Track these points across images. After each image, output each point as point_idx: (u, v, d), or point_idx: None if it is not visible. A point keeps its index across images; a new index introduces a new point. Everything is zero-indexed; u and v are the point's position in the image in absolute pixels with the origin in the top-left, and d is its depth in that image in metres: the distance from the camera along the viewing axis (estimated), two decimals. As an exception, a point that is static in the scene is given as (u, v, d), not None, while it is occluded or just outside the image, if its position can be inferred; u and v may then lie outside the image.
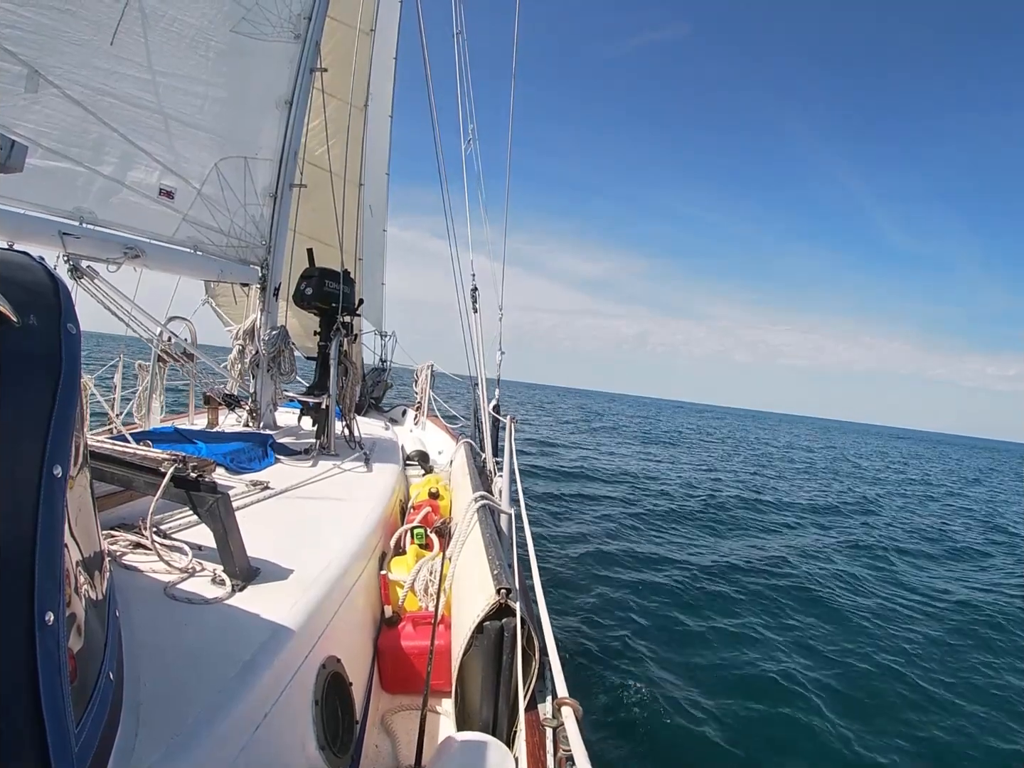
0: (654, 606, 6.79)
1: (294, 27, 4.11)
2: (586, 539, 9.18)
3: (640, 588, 7.31)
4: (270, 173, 4.25)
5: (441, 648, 2.33)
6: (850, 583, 8.68)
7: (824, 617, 7.21)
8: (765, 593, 7.72)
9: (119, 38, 3.28)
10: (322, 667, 1.74)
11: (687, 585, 7.65)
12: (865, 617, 7.38)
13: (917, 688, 5.67)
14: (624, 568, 8.04)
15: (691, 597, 7.27)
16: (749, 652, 5.90)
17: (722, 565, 8.69)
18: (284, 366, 4.26)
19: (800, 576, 8.58)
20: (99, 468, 1.87)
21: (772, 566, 8.85)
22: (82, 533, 0.89)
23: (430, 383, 7.65)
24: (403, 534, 3.14)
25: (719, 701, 4.91)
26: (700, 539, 10.18)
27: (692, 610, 6.84)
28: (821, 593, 8.02)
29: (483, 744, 1.68)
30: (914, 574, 9.82)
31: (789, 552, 9.80)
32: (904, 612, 7.83)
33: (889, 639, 6.79)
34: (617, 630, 5.94)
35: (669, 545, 9.52)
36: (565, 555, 8.19)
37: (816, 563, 9.40)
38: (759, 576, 8.34)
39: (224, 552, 1.77)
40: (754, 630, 6.46)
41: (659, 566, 8.31)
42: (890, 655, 6.31)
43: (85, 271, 3.21)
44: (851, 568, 9.43)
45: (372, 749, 2.19)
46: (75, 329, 0.84)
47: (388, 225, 9.38)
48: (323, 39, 4.37)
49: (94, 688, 0.88)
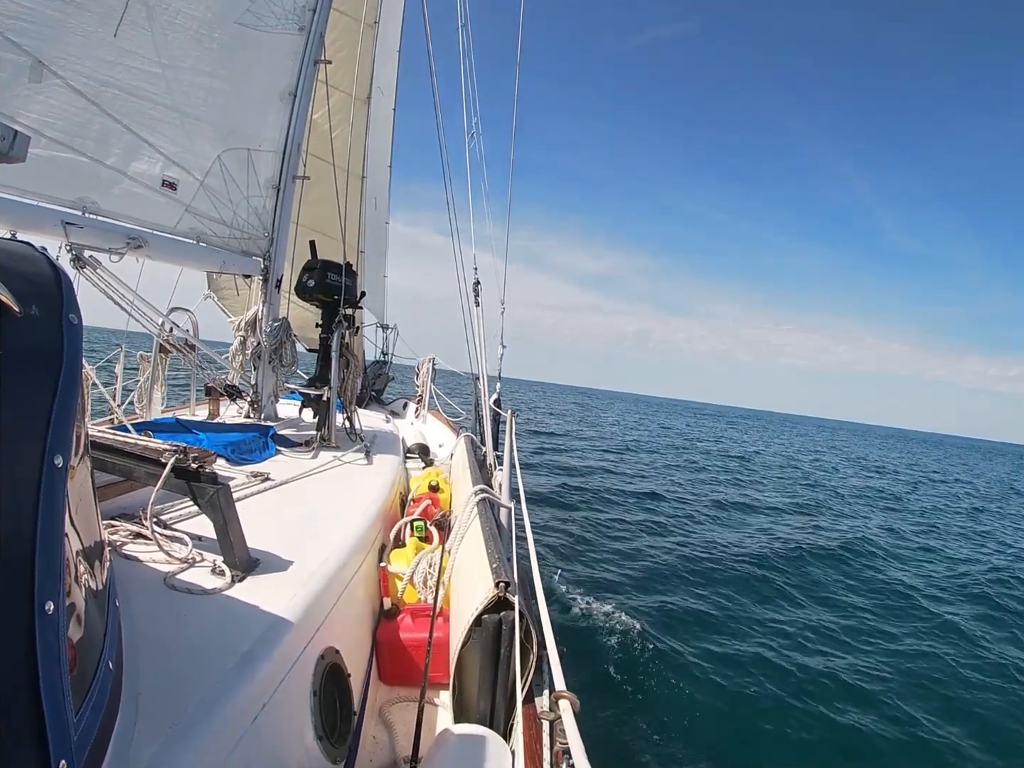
0: (654, 600, 6.82)
1: (298, 19, 4.09)
2: (586, 533, 9.21)
3: (640, 583, 7.33)
4: (273, 165, 4.24)
5: (439, 640, 2.34)
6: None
7: (835, 609, 7.23)
8: (765, 586, 7.74)
9: (123, 30, 3.27)
10: (321, 658, 1.75)
11: (688, 579, 7.68)
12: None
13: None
14: (625, 562, 8.06)
15: (692, 591, 7.29)
16: (751, 647, 5.93)
17: (727, 556, 8.72)
18: (286, 358, 4.27)
19: (809, 571, 8.62)
20: (100, 458, 1.88)
21: (773, 557, 8.88)
22: (82, 523, 0.90)
23: (431, 377, 7.66)
24: (403, 527, 3.14)
25: (717, 695, 4.94)
26: (701, 535, 10.19)
27: (692, 603, 6.86)
28: (827, 585, 8.05)
29: (480, 736, 1.69)
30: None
31: (789, 551, 9.82)
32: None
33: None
34: (616, 624, 5.97)
35: (670, 539, 9.54)
36: (565, 549, 8.22)
37: (820, 562, 9.42)
38: (762, 569, 8.37)
39: (224, 543, 1.78)
40: (757, 624, 6.49)
41: (660, 561, 8.33)
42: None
43: (88, 261, 3.21)
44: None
45: (370, 740, 2.20)
46: (77, 320, 0.84)
47: (390, 219, 9.38)
48: (327, 31, 4.35)
49: (93, 677, 0.89)
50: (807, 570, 8.84)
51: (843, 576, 8.89)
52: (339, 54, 5.51)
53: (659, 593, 7.09)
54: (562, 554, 8.02)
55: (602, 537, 9.22)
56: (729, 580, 7.87)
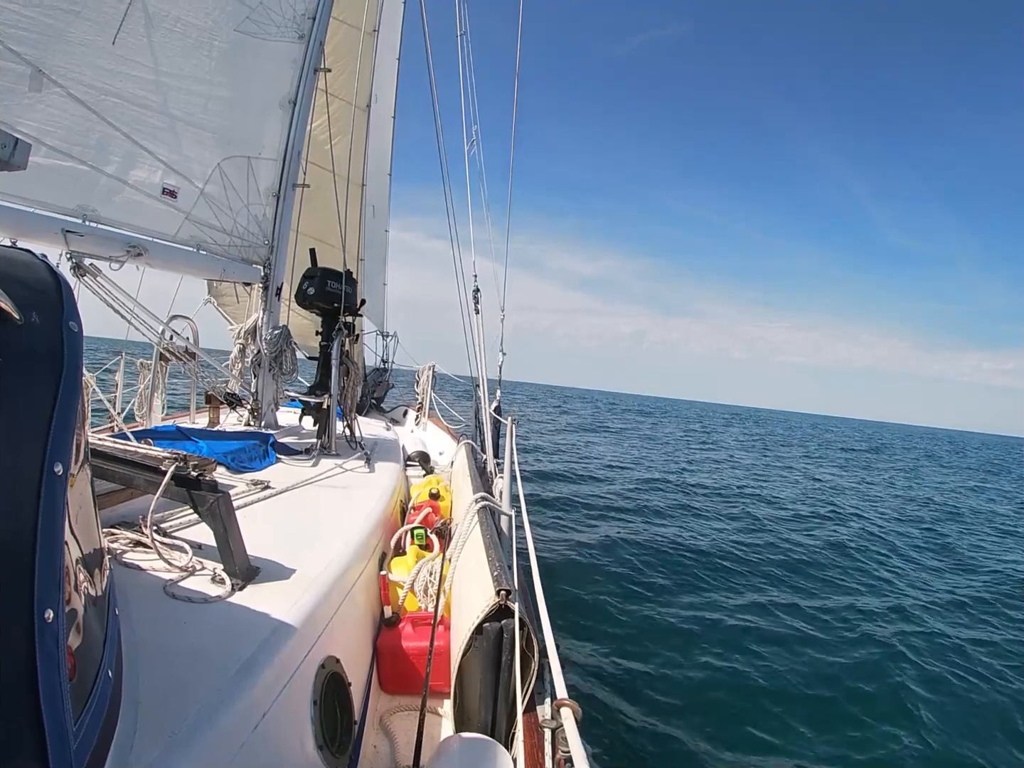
0: (656, 607, 6.78)
1: (298, 27, 4.12)
2: (587, 541, 9.17)
3: (643, 590, 7.30)
4: (273, 173, 4.25)
5: (440, 649, 2.33)
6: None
7: (852, 616, 7.16)
8: (770, 592, 7.71)
9: (123, 38, 3.29)
10: (321, 667, 1.74)
11: (692, 586, 7.64)
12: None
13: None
14: (627, 570, 8.02)
15: (695, 598, 7.25)
16: (755, 656, 5.88)
17: (729, 564, 8.68)
18: (286, 365, 4.27)
19: (793, 573, 8.58)
20: (100, 466, 1.87)
21: (774, 567, 8.85)
22: (82, 531, 0.89)
23: (431, 384, 7.67)
24: (403, 534, 3.14)
25: (721, 704, 4.90)
26: (705, 537, 10.15)
27: (695, 611, 6.81)
28: (844, 587, 8.02)
29: (482, 745, 1.68)
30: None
31: (783, 550, 9.79)
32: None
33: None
34: (618, 632, 5.93)
35: (673, 545, 9.50)
36: (566, 556, 8.19)
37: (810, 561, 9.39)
38: (765, 577, 8.34)
39: (224, 551, 1.77)
40: (759, 632, 6.45)
41: (662, 567, 8.30)
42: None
43: (88, 269, 3.22)
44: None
45: (370, 750, 2.18)
46: (77, 327, 0.84)
47: (390, 226, 9.41)
48: (327, 39, 4.37)
49: (93, 686, 0.88)
50: (822, 579, 8.78)
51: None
52: (339, 62, 5.54)
53: (667, 600, 7.04)
54: (564, 561, 7.99)
55: (605, 541, 9.18)
56: (742, 586, 7.82)
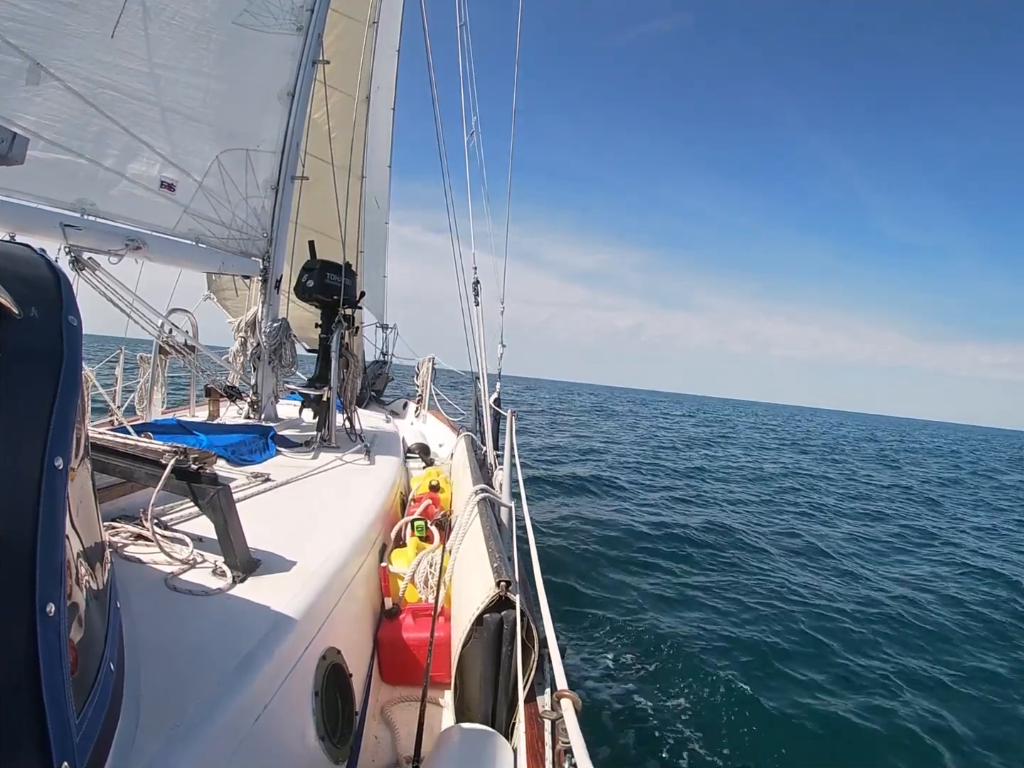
0: (657, 598, 6.80)
1: (296, 19, 4.09)
2: (587, 531, 9.19)
3: (643, 581, 7.32)
4: (272, 165, 4.24)
5: (441, 640, 2.34)
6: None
7: (857, 615, 7.17)
8: (765, 584, 7.73)
9: (121, 31, 3.27)
10: (322, 658, 1.75)
11: (693, 578, 7.66)
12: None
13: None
14: (627, 560, 8.05)
15: (697, 589, 7.27)
16: (755, 646, 5.90)
17: (731, 556, 8.70)
18: (285, 358, 4.27)
19: (806, 560, 8.61)
20: (100, 460, 1.88)
21: (780, 561, 8.87)
22: (83, 524, 0.90)
23: (431, 377, 7.68)
24: (403, 526, 3.15)
25: (721, 695, 4.93)
26: (706, 531, 10.17)
27: (696, 602, 6.84)
28: (840, 588, 8.04)
29: (482, 736, 1.69)
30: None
31: (783, 549, 9.81)
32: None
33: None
34: (619, 623, 5.95)
35: (674, 537, 9.51)
36: (566, 547, 8.20)
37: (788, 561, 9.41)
38: (761, 571, 8.36)
39: (225, 544, 1.78)
40: (760, 624, 6.47)
41: (664, 558, 8.32)
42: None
43: (86, 263, 3.21)
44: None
45: (372, 740, 2.20)
46: (76, 321, 0.84)
47: (389, 219, 9.38)
48: (325, 30, 4.35)
49: (95, 679, 0.89)
50: (827, 568, 8.81)
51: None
52: (338, 54, 5.50)
53: (668, 591, 7.06)
54: (565, 552, 8.00)
55: (605, 531, 9.20)
56: (742, 575, 7.83)
